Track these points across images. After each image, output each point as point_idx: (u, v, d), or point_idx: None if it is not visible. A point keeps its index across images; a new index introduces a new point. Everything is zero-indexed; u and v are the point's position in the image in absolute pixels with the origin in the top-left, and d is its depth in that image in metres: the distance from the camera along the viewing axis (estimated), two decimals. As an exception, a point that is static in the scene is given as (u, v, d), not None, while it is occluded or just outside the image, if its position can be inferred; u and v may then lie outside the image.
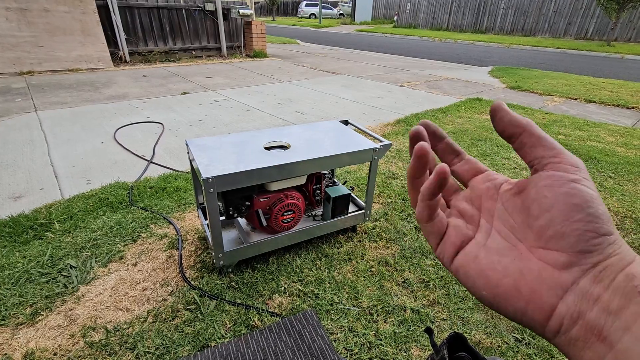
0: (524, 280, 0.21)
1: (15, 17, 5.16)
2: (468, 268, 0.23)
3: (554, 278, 0.20)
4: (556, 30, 15.39)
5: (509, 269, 0.21)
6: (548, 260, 0.20)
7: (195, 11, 7.12)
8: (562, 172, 0.21)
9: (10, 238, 1.66)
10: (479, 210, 0.26)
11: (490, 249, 0.23)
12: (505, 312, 0.21)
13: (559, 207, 0.20)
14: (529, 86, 5.58)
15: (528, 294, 0.20)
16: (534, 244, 0.21)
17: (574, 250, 0.20)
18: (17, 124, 3.18)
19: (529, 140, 0.23)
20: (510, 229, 0.23)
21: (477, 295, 0.23)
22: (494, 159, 2.76)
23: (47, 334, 1.21)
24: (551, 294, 0.20)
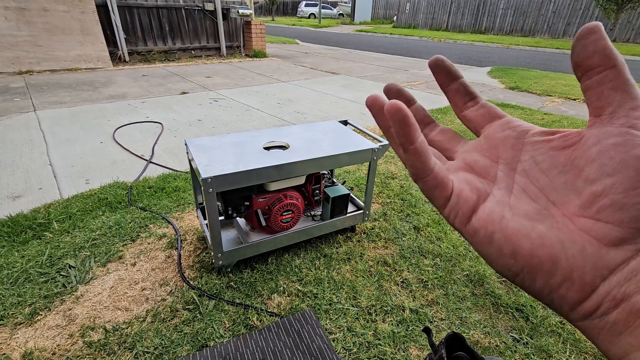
0: (565, 254, 0.17)
1: (14, 17, 5.15)
2: (493, 229, 0.19)
3: (600, 255, 0.17)
4: (555, 31, 15.42)
5: (546, 238, 0.18)
6: (596, 234, 0.17)
7: (195, 11, 7.11)
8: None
9: (9, 238, 1.65)
10: (496, 162, 0.21)
11: (518, 210, 0.19)
12: (531, 286, 0.18)
13: (627, 173, 0.16)
14: (527, 86, 5.59)
15: (567, 270, 0.17)
16: (579, 212, 0.18)
17: (631, 225, 0.16)
18: (16, 124, 3.17)
19: (614, 80, 0.17)
20: (541, 188, 0.19)
21: (499, 264, 0.19)
22: (493, 159, 2.76)
23: (46, 333, 1.21)
24: (595, 274, 0.17)
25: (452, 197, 0.21)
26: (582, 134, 0.18)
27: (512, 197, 0.20)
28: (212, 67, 6.49)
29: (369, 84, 5.49)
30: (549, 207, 0.19)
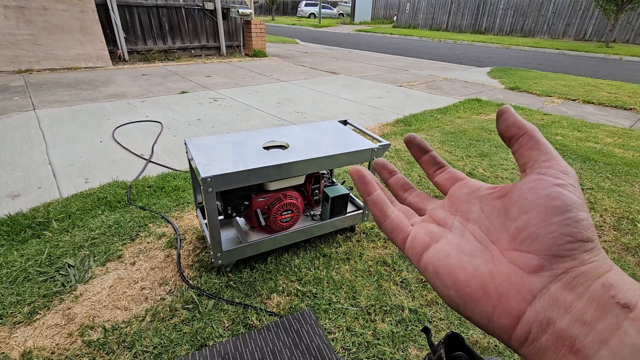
0: (493, 282, 0.20)
1: (14, 15, 5.14)
2: (438, 265, 0.22)
3: (523, 282, 0.19)
4: (555, 31, 15.44)
5: (479, 270, 0.21)
6: (519, 263, 0.20)
7: (195, 10, 7.10)
8: (549, 177, 0.20)
9: (8, 237, 1.65)
10: (454, 215, 0.25)
11: (463, 249, 0.22)
12: (471, 315, 0.20)
13: (537, 209, 0.20)
14: (527, 87, 5.60)
15: (496, 297, 0.19)
16: (507, 246, 0.21)
17: (546, 253, 0.19)
18: (15, 123, 3.17)
19: (528, 142, 0.23)
20: (486, 231, 0.23)
21: (444, 295, 0.22)
22: (493, 159, 2.77)
23: (45, 332, 1.21)
24: (519, 299, 0.19)
25: (408, 239, 0.25)
26: (513, 185, 0.23)
27: (462, 239, 0.23)
28: (212, 66, 6.49)
29: (368, 84, 5.49)
30: (489, 246, 0.22)
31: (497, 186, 0.24)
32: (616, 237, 1.88)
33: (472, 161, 2.72)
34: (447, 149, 2.94)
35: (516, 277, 0.19)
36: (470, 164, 2.65)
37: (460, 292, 0.21)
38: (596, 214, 2.07)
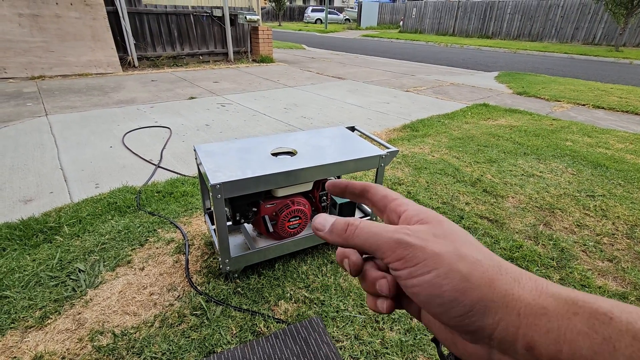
0: (461, 355, 0.23)
1: (28, 23, 5.27)
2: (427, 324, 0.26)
3: (471, 351, 0.22)
4: (563, 36, 15.32)
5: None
6: (460, 336, 0.22)
7: (203, 17, 7.21)
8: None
9: (21, 241, 1.68)
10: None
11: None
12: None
13: (431, 310, 0.22)
14: (535, 92, 5.55)
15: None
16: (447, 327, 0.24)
17: (465, 334, 0.21)
18: (28, 128, 3.23)
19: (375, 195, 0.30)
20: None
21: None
22: (501, 165, 2.74)
23: (56, 337, 1.22)
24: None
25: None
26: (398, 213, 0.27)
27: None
28: (220, 72, 6.56)
29: (375, 89, 5.50)
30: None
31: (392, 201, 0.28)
32: (629, 245, 1.84)
33: (481, 167, 2.69)
34: (454, 154, 2.92)
35: (470, 348, 0.22)
36: (478, 170, 2.63)
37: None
38: (608, 222, 2.04)
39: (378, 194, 0.29)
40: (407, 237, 0.22)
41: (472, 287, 0.20)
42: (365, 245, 0.24)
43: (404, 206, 0.26)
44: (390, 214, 0.27)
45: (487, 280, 0.20)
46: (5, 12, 5.07)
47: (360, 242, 0.24)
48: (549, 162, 2.84)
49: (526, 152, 3.04)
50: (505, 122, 3.94)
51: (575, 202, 2.24)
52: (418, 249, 0.22)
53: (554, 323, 0.18)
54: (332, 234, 0.26)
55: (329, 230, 0.26)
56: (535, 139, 3.38)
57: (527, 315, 0.19)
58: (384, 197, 0.29)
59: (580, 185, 2.47)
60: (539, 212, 2.12)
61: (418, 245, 0.22)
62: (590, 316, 0.18)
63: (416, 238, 0.22)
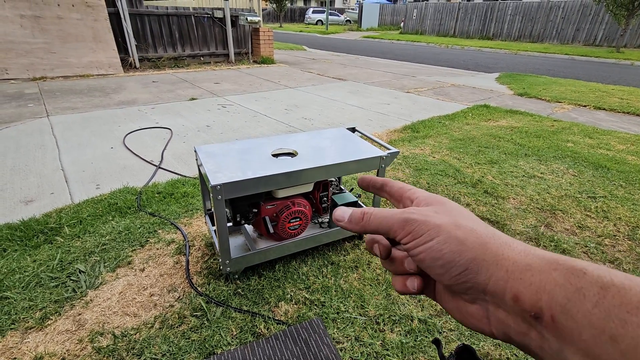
0: (466, 320, 0.26)
1: (30, 24, 5.28)
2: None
3: (472, 312, 0.25)
4: (564, 37, 15.31)
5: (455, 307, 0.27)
6: (461, 299, 0.26)
7: (204, 18, 7.22)
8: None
9: (21, 242, 1.68)
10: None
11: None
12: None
13: (434, 271, 0.25)
14: (536, 93, 5.55)
15: (472, 326, 0.26)
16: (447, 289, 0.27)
17: (464, 294, 0.25)
18: (29, 129, 3.24)
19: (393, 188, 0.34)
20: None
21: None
22: (502, 166, 2.74)
23: (56, 338, 1.22)
24: (483, 324, 0.24)
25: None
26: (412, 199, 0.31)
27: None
28: (221, 73, 6.57)
29: (376, 90, 5.50)
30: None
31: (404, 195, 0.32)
32: (631, 247, 1.83)
33: (482, 168, 2.69)
34: (455, 155, 2.92)
35: (469, 309, 0.26)
36: (479, 171, 2.63)
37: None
38: (610, 223, 2.03)
39: (395, 186, 0.34)
40: (412, 215, 0.26)
41: (467, 249, 0.24)
42: (380, 228, 0.28)
43: (416, 194, 0.31)
44: (405, 201, 0.32)
45: (481, 244, 0.24)
46: (7, 14, 5.09)
47: (375, 226, 0.28)
48: (550, 164, 2.83)
49: (527, 153, 3.03)
50: (506, 123, 3.93)
51: (577, 203, 2.24)
52: (422, 223, 0.26)
53: (536, 277, 0.21)
54: (351, 222, 0.30)
55: (348, 219, 0.30)
56: (537, 140, 3.37)
57: (513, 271, 0.22)
58: (400, 188, 0.33)
59: (582, 186, 2.46)
60: (540, 213, 2.12)
61: (422, 220, 0.26)
62: (567, 271, 0.21)
63: (420, 215, 0.26)
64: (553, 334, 0.20)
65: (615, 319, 0.18)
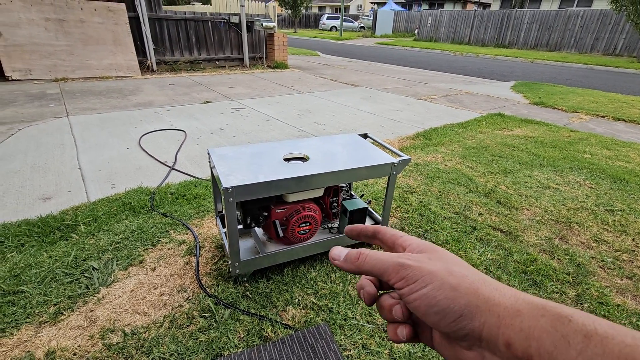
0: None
1: (54, 27, 5.48)
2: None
3: (470, 359, 0.25)
4: (582, 46, 15.04)
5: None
6: (459, 345, 0.26)
7: (221, 23, 7.36)
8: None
9: (39, 238, 1.73)
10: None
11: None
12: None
13: (430, 319, 0.26)
14: (553, 102, 5.45)
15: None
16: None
17: (461, 341, 0.25)
18: (50, 128, 3.34)
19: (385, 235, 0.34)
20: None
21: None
22: (516, 176, 2.69)
23: (68, 333, 1.25)
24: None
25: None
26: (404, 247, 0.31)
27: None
28: (235, 77, 6.67)
29: (388, 97, 5.50)
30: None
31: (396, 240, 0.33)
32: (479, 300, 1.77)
33: (495, 178, 2.65)
34: (468, 164, 2.88)
35: (464, 355, 0.26)
36: (492, 181, 2.59)
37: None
38: (628, 238, 1.97)
39: (387, 233, 0.34)
40: (407, 261, 0.27)
41: (460, 295, 0.25)
42: (374, 270, 0.29)
43: (409, 241, 0.31)
44: (397, 248, 0.32)
45: (473, 290, 0.25)
46: (34, 17, 5.29)
47: (370, 267, 0.29)
48: (566, 175, 2.77)
49: (542, 163, 2.98)
50: (521, 132, 3.87)
51: (593, 216, 2.18)
52: (416, 269, 0.26)
53: (526, 323, 0.22)
54: (347, 262, 0.30)
55: (343, 259, 0.31)
56: (552, 150, 3.31)
57: (504, 317, 0.23)
58: (392, 235, 0.33)
59: (599, 199, 2.40)
60: (554, 225, 2.07)
61: (416, 266, 0.27)
62: (554, 318, 0.21)
63: (414, 261, 0.27)
64: None
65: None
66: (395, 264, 0.27)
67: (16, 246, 1.66)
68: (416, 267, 0.26)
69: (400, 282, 0.27)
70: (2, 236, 1.71)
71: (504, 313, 0.23)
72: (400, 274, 0.27)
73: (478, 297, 0.24)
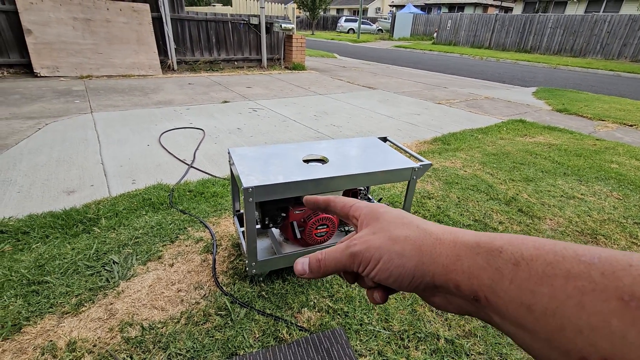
0: (440, 308, 0.29)
1: (81, 27, 5.66)
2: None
3: (438, 302, 0.28)
4: (609, 52, 14.55)
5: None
6: (426, 294, 0.29)
7: (241, 24, 7.45)
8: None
9: (62, 230, 1.78)
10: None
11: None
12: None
13: (394, 286, 0.29)
14: (577, 109, 5.28)
15: (445, 310, 0.28)
16: None
17: (427, 293, 0.28)
18: (75, 124, 3.45)
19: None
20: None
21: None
22: (539, 184, 2.61)
23: (89, 325, 1.28)
24: (450, 309, 0.27)
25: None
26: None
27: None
28: (253, 77, 6.73)
29: (406, 100, 5.44)
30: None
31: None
32: None
33: (516, 185, 2.58)
34: (488, 171, 2.82)
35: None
36: (513, 188, 2.52)
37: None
38: (658, 253, 1.88)
39: (338, 205, 0.36)
40: (354, 248, 0.29)
41: (407, 259, 0.27)
42: (337, 269, 0.31)
43: (357, 211, 0.33)
44: (351, 219, 0.34)
45: (417, 249, 0.27)
46: (62, 16, 5.48)
47: (332, 268, 0.31)
48: (591, 185, 2.67)
49: (566, 172, 2.88)
50: (543, 139, 3.76)
51: (622, 228, 2.09)
52: (365, 252, 0.28)
53: (466, 264, 0.24)
54: (312, 272, 0.32)
55: (309, 271, 0.32)
56: (577, 159, 3.20)
57: (448, 264, 0.25)
58: (343, 207, 0.35)
59: (627, 211, 2.30)
60: (579, 237, 2.00)
61: (364, 249, 0.29)
62: (487, 253, 0.23)
63: (361, 243, 0.29)
64: (491, 311, 0.23)
65: (527, 291, 0.21)
66: (348, 256, 0.29)
67: (41, 237, 1.71)
68: (364, 249, 0.28)
69: (360, 268, 0.29)
70: (29, 227, 1.76)
71: (447, 261, 0.25)
72: (356, 262, 0.29)
73: (422, 254, 0.26)
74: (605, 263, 0.19)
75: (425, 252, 0.26)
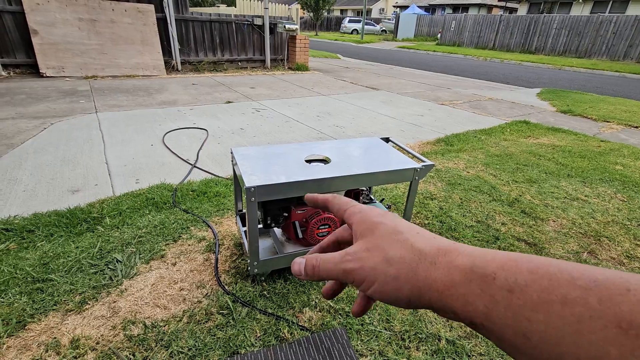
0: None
1: (86, 27, 5.71)
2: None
3: (443, 315, 0.28)
4: (615, 53, 14.44)
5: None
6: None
7: (245, 25, 7.48)
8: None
9: (67, 228, 1.79)
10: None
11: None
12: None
13: (391, 304, 0.29)
14: (582, 111, 5.25)
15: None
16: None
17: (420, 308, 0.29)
18: (80, 124, 3.48)
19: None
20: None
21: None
22: (542, 186, 2.60)
23: (92, 323, 1.29)
24: (457, 322, 0.30)
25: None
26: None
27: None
28: (257, 78, 6.76)
29: (409, 101, 5.43)
30: None
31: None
32: None
33: (519, 187, 2.57)
34: (491, 172, 2.81)
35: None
36: (516, 190, 2.51)
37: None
38: (663, 255, 1.87)
39: (334, 207, 0.36)
40: (348, 265, 0.29)
41: (403, 283, 0.27)
42: (329, 277, 0.31)
43: (351, 218, 0.33)
44: (347, 223, 0.34)
45: (412, 273, 0.26)
46: (68, 17, 5.53)
47: (325, 275, 0.31)
48: (595, 186, 2.66)
49: (570, 173, 2.87)
50: (547, 141, 3.75)
51: (625, 231, 2.08)
52: (359, 270, 0.28)
53: (460, 291, 0.24)
54: (308, 275, 0.32)
55: (304, 273, 0.33)
56: (581, 160, 3.18)
57: (443, 291, 0.25)
58: (338, 210, 0.35)
59: (632, 213, 2.29)
60: (583, 238, 1.99)
61: (358, 267, 0.28)
62: (480, 280, 0.23)
63: (355, 262, 0.29)
64: (488, 335, 0.23)
65: (522, 319, 0.20)
66: (341, 271, 0.29)
67: (46, 235, 1.73)
68: (358, 268, 0.28)
69: (353, 284, 0.29)
70: (34, 225, 1.78)
71: (442, 287, 0.25)
72: (349, 279, 0.29)
73: (417, 278, 0.26)
74: (602, 288, 0.19)
75: (421, 277, 0.26)
